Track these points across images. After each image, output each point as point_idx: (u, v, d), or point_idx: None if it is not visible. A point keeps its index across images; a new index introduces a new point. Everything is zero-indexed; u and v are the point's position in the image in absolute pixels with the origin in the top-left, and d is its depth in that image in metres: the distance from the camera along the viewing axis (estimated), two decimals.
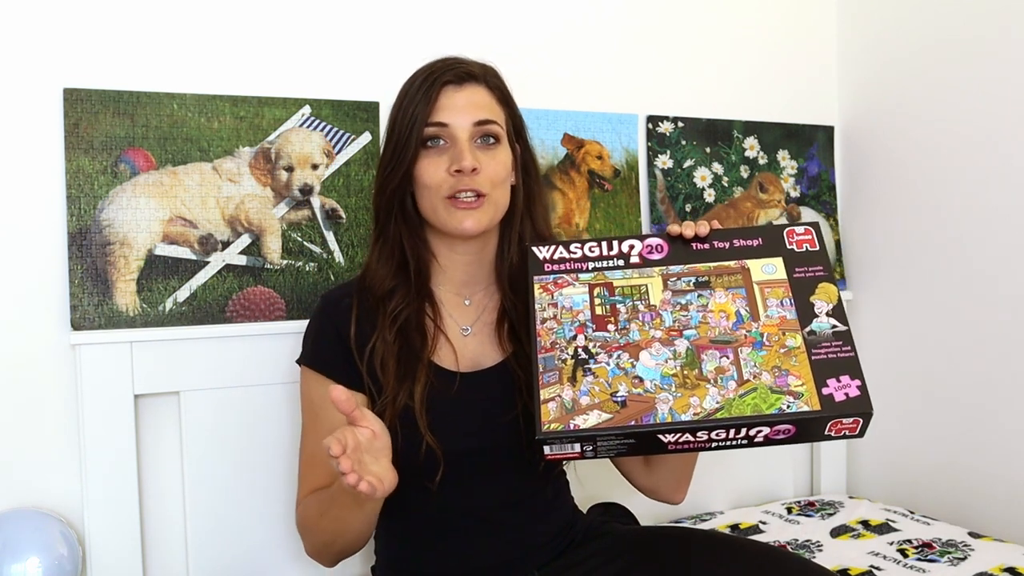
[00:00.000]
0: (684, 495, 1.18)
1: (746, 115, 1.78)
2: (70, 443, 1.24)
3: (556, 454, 0.90)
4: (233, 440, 1.31)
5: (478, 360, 1.10)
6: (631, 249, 1.02)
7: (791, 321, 0.93)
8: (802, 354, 0.90)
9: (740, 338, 0.92)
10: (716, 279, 0.98)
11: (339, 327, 1.08)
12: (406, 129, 1.05)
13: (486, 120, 1.06)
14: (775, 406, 0.87)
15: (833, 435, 0.89)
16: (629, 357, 0.93)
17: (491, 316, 1.14)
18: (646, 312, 0.96)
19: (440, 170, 1.05)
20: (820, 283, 0.96)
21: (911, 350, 1.75)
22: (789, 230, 1.01)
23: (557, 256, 1.02)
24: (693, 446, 0.90)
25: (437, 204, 1.06)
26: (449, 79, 1.06)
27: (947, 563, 1.38)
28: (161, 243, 1.28)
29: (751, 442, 0.89)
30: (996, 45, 1.57)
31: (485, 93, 1.08)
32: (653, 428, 0.87)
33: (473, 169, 1.03)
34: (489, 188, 1.06)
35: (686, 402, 0.88)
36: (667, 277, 0.99)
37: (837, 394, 0.87)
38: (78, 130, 1.23)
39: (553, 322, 0.96)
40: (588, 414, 0.88)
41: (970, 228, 1.63)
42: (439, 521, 1.08)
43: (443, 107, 1.05)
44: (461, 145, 1.04)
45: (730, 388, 0.89)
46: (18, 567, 1.13)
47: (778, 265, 0.98)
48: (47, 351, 1.23)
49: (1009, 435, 1.57)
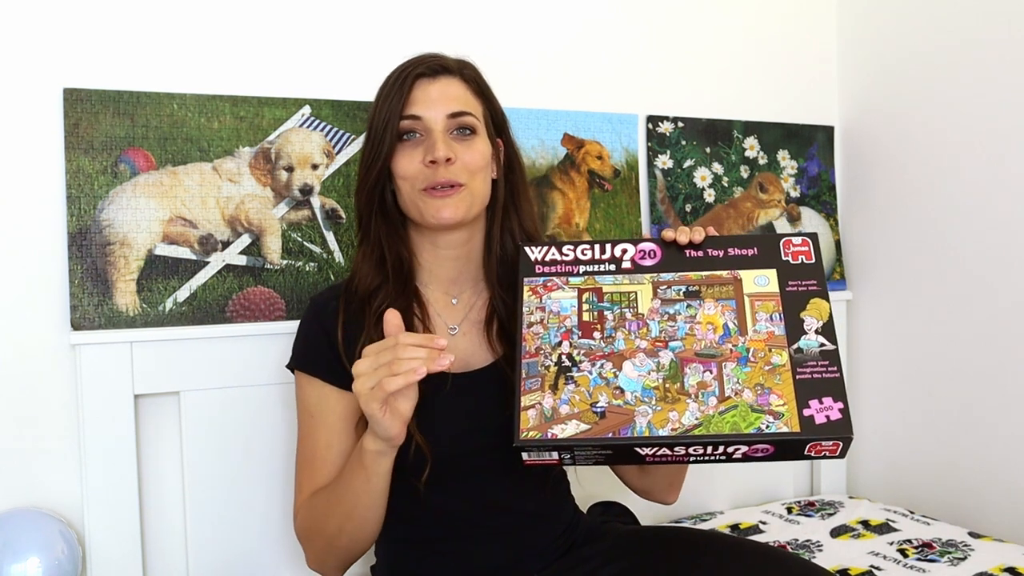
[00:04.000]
0: (676, 496, 1.18)
1: (746, 115, 1.78)
2: (70, 443, 1.24)
3: (534, 460, 0.90)
4: (233, 439, 1.31)
5: (468, 361, 1.10)
6: (624, 254, 1.00)
7: (779, 337, 0.92)
8: (787, 372, 0.89)
9: (726, 352, 0.92)
10: (707, 289, 0.97)
11: (327, 330, 1.08)
12: (382, 124, 1.06)
13: (460, 112, 1.06)
14: (754, 425, 0.86)
15: (813, 455, 0.88)
16: (612, 367, 0.92)
17: (479, 315, 1.13)
18: (633, 320, 0.95)
19: (415, 162, 1.05)
20: (812, 298, 0.94)
21: (911, 350, 1.76)
22: (786, 240, 0.99)
23: (549, 258, 1.01)
24: (671, 459, 0.90)
25: (415, 196, 1.06)
26: (422, 72, 1.07)
27: (947, 563, 1.38)
28: (161, 243, 1.28)
29: (729, 458, 0.89)
30: (995, 47, 1.57)
31: (460, 85, 1.08)
32: (629, 442, 0.87)
33: (448, 159, 1.03)
34: (466, 178, 1.05)
35: (665, 417, 0.87)
36: (657, 285, 0.98)
37: (818, 416, 0.86)
38: (78, 130, 1.24)
39: (539, 327, 0.96)
40: (567, 424, 0.88)
41: (969, 228, 1.63)
42: (436, 524, 1.08)
43: (416, 100, 1.05)
44: (435, 136, 1.04)
45: (711, 404, 0.88)
46: (18, 567, 1.13)
47: (771, 277, 0.96)
48: (47, 351, 1.23)
49: (1009, 435, 1.57)
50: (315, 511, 1.06)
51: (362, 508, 1.01)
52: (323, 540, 1.06)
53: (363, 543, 1.06)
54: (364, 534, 1.04)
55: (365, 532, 1.04)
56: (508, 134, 1.15)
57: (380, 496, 1.00)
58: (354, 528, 1.03)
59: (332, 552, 1.07)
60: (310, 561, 1.10)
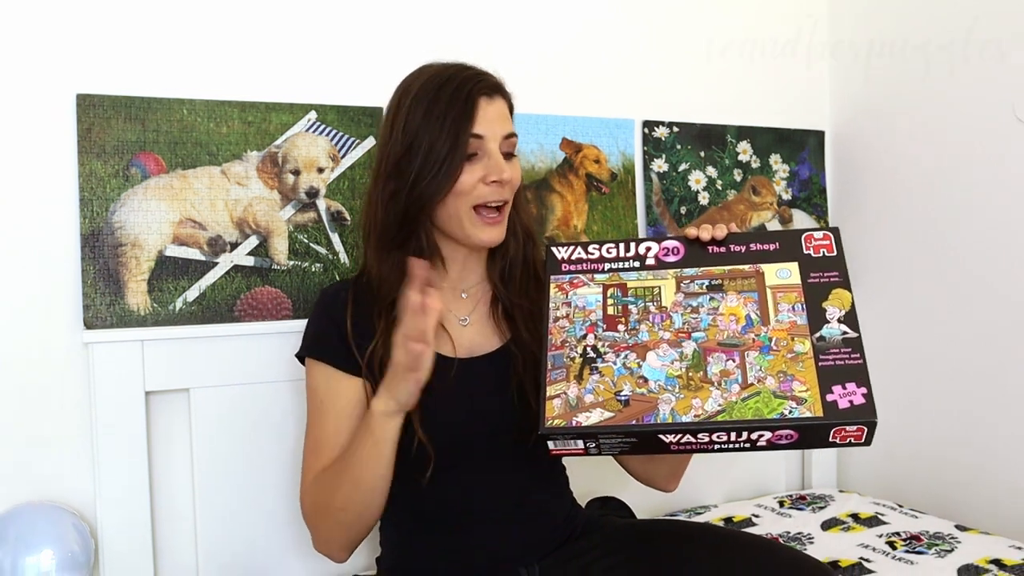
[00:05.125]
0: (677, 485, 1.20)
1: (739, 120, 1.82)
2: (83, 439, 1.27)
3: (560, 450, 0.92)
4: (241, 435, 1.34)
5: (475, 348, 1.13)
6: (648, 251, 1.02)
7: (801, 326, 0.92)
8: (809, 360, 0.89)
9: (748, 342, 0.92)
10: (729, 282, 0.97)
11: (336, 320, 1.11)
12: (447, 139, 1.04)
13: (512, 133, 1.11)
14: (777, 411, 0.86)
15: (838, 442, 0.87)
16: (636, 357, 0.93)
17: (486, 306, 1.17)
18: (657, 313, 0.97)
19: (474, 178, 1.07)
20: (834, 289, 0.94)
21: (899, 348, 1.79)
22: (807, 235, 1.00)
23: (575, 256, 1.04)
24: (695, 447, 0.90)
25: (462, 213, 1.07)
26: (483, 91, 1.07)
27: (935, 555, 1.41)
28: (171, 244, 1.31)
29: (754, 446, 0.88)
30: (984, 52, 1.60)
31: (505, 105, 1.11)
32: (653, 428, 0.87)
33: (508, 179, 1.07)
34: (510, 195, 1.11)
35: (688, 404, 0.88)
36: (680, 280, 0.99)
37: (841, 401, 0.86)
38: (91, 135, 1.26)
39: (565, 321, 0.98)
40: (591, 412, 0.89)
41: (957, 230, 1.67)
42: (439, 514, 1.10)
43: (481, 119, 1.06)
44: (497, 157, 1.07)
45: (733, 391, 0.88)
46: (32, 559, 1.15)
47: (793, 270, 0.97)
48: (61, 350, 1.26)
49: (995, 431, 1.61)
50: (322, 485, 1.07)
51: (369, 476, 1.01)
52: (330, 515, 1.07)
53: (369, 518, 1.07)
54: (370, 506, 1.05)
55: (372, 503, 1.04)
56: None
57: (387, 463, 1.01)
58: (361, 498, 1.03)
59: (339, 528, 1.07)
60: (317, 542, 1.11)
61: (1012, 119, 1.56)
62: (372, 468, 1.01)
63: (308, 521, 1.12)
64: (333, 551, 1.11)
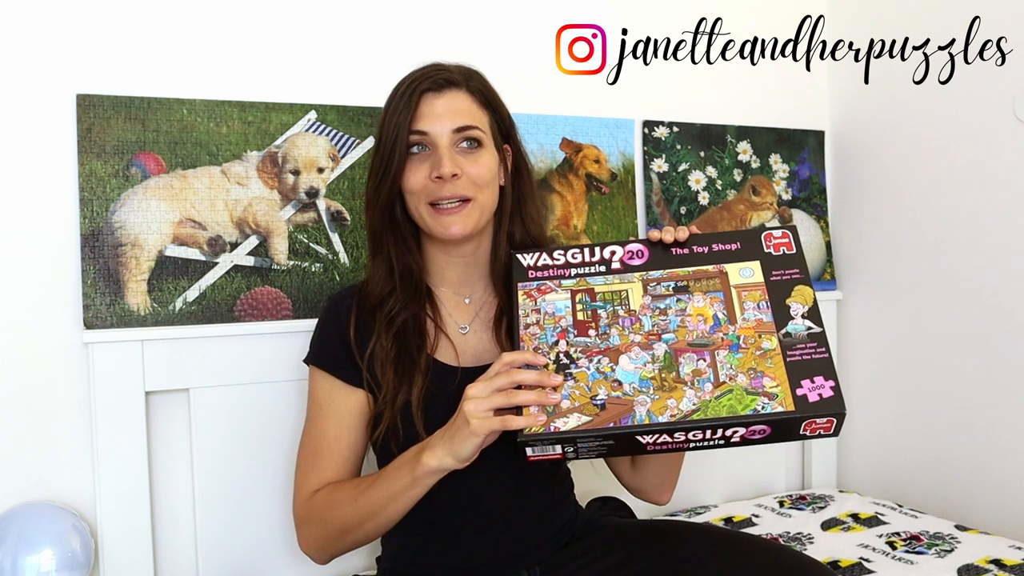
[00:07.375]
0: (669, 497, 1.20)
1: (739, 120, 1.82)
2: (83, 439, 1.28)
3: (538, 456, 0.92)
4: (241, 434, 1.34)
5: (480, 356, 1.13)
6: (612, 255, 1.03)
7: (767, 323, 0.94)
8: (777, 356, 0.91)
9: (717, 341, 0.94)
10: (695, 283, 0.99)
11: (341, 327, 1.11)
12: (390, 139, 1.07)
13: (465, 126, 1.07)
14: (750, 407, 0.88)
15: (808, 435, 0.90)
16: (609, 361, 0.94)
17: (489, 314, 1.16)
18: (626, 317, 0.98)
19: (421, 176, 1.07)
20: (796, 286, 0.97)
21: (899, 348, 1.79)
22: (767, 233, 1.02)
23: (541, 263, 1.04)
24: (671, 447, 0.92)
25: (422, 210, 1.08)
26: (428, 87, 1.07)
27: (934, 555, 1.41)
28: (171, 244, 1.31)
29: (728, 442, 0.90)
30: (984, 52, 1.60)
31: (465, 98, 1.09)
32: (631, 430, 0.89)
33: (453, 175, 1.05)
34: (473, 192, 1.07)
35: (663, 404, 0.90)
36: (647, 282, 1.00)
37: (811, 395, 0.88)
38: (91, 135, 1.27)
39: (536, 328, 0.98)
40: (568, 417, 0.90)
41: (955, 230, 1.67)
42: (443, 516, 1.10)
43: (423, 115, 1.06)
44: (441, 151, 1.06)
45: (706, 390, 0.90)
46: (32, 559, 1.16)
47: (755, 268, 0.99)
48: (61, 350, 1.26)
49: (995, 431, 1.61)
50: (335, 501, 1.07)
51: (392, 510, 1.02)
52: (332, 529, 1.07)
53: (370, 541, 1.09)
54: (377, 533, 1.07)
55: (379, 531, 1.06)
56: (515, 139, 1.16)
57: (413, 503, 1.02)
58: (374, 526, 1.04)
59: (336, 541, 1.08)
60: (305, 544, 1.12)
61: (1012, 119, 1.56)
62: (398, 505, 1.01)
63: (300, 524, 1.12)
64: (317, 556, 1.12)
